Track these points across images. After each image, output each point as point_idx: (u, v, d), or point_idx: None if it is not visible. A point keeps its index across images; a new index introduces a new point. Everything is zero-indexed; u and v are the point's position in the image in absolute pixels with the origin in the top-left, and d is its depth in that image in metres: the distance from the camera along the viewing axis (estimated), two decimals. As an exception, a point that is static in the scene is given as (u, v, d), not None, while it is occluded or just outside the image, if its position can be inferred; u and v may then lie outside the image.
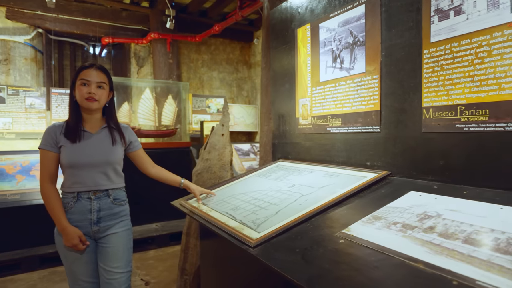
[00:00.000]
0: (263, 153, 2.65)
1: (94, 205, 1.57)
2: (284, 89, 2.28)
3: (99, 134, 1.63)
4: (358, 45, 1.69)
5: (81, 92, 1.54)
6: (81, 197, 1.55)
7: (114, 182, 1.64)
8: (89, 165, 1.55)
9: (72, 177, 1.55)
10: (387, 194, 1.35)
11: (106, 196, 1.61)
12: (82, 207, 1.56)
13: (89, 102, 1.54)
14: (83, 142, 1.57)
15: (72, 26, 4.64)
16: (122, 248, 1.64)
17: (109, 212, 1.62)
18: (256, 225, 1.36)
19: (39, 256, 3.15)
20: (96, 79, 1.56)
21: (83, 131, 1.60)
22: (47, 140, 1.56)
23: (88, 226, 1.57)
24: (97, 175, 1.57)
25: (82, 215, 1.56)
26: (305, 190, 1.61)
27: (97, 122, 1.65)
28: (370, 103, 1.64)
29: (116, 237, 1.63)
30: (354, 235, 1.09)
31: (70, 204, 1.55)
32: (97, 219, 1.58)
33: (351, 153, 1.76)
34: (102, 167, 1.59)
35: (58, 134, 1.56)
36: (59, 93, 4.29)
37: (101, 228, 1.60)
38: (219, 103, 5.54)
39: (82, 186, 1.55)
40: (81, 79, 1.55)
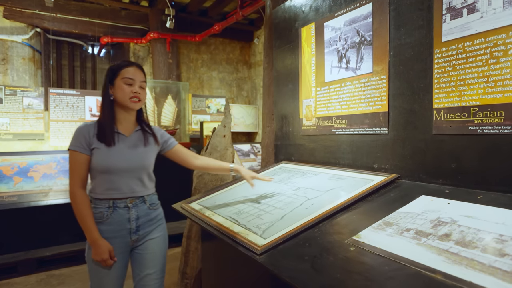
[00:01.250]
0: (265, 154, 2.61)
1: (132, 213, 1.47)
2: (287, 89, 2.24)
3: (133, 137, 1.53)
4: (365, 44, 1.65)
5: (125, 91, 1.43)
6: (118, 206, 1.45)
7: (148, 187, 1.54)
8: (124, 170, 1.45)
9: (105, 183, 1.43)
10: (397, 198, 1.31)
11: (143, 202, 1.51)
12: (120, 217, 1.45)
13: (133, 103, 1.45)
14: (118, 145, 1.46)
15: (70, 26, 4.58)
16: (159, 254, 1.56)
17: (147, 219, 1.52)
18: (262, 230, 1.31)
19: (36, 259, 3.09)
20: (140, 78, 1.47)
21: (117, 133, 1.49)
22: (79, 141, 1.43)
23: (127, 236, 1.47)
24: (133, 181, 1.47)
25: (120, 225, 1.45)
26: (311, 194, 1.57)
27: (131, 124, 1.54)
28: (377, 104, 1.59)
29: (154, 242, 1.54)
30: (365, 242, 1.04)
31: (106, 214, 1.44)
32: (136, 227, 1.48)
33: (357, 155, 1.71)
34: (137, 172, 1.48)
35: (91, 135, 1.44)
36: (57, 93, 4.23)
37: (140, 236, 1.50)
38: (219, 103, 5.49)
39: (117, 193, 1.44)
40: (125, 77, 1.44)
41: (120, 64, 1.49)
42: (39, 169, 3.54)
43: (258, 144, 5.30)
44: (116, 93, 1.46)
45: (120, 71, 1.46)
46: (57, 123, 4.20)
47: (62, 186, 3.51)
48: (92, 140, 1.44)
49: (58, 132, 4.22)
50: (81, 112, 4.34)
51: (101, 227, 1.45)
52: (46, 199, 3.36)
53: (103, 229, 1.45)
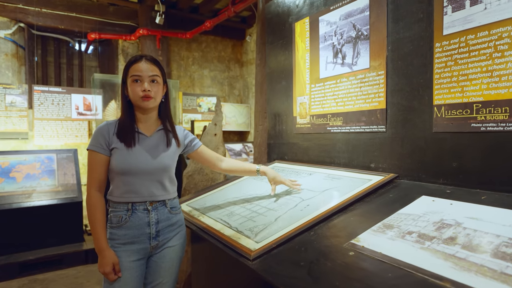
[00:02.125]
0: (258, 153, 2.54)
1: (152, 216, 1.35)
2: (281, 86, 2.17)
3: (154, 137, 1.41)
4: (361, 39, 1.59)
5: (134, 91, 1.33)
6: (137, 209, 1.34)
7: (169, 191, 1.42)
8: (144, 172, 1.34)
9: (124, 185, 1.33)
10: (396, 199, 1.24)
11: (163, 205, 1.40)
12: (139, 221, 1.34)
13: (145, 101, 1.33)
14: (138, 146, 1.35)
15: (56, 21, 4.43)
16: (176, 262, 1.44)
17: (167, 223, 1.40)
18: (254, 233, 1.24)
19: (18, 263, 2.96)
20: (149, 73, 1.34)
21: (137, 132, 1.38)
22: (98, 141, 1.33)
23: (146, 242, 1.35)
24: (153, 185, 1.36)
25: (139, 229, 1.34)
26: (306, 194, 1.50)
27: (153, 123, 1.43)
28: (374, 101, 1.53)
29: (173, 251, 1.42)
30: (364, 246, 0.98)
31: (124, 218, 1.32)
32: (156, 232, 1.36)
33: (353, 154, 1.65)
34: (158, 175, 1.37)
35: (111, 134, 1.34)
36: (42, 91, 4.09)
37: (160, 242, 1.38)
38: (210, 102, 5.39)
39: (136, 196, 1.33)
40: (132, 75, 1.33)
41: (129, 62, 1.38)
42: (22, 169, 3.40)
43: (250, 143, 5.22)
44: (129, 94, 1.37)
45: (129, 70, 1.36)
46: (41, 122, 4.06)
47: (46, 187, 3.38)
48: (112, 139, 1.35)
49: (43, 131, 4.08)
50: (67, 111, 4.20)
51: (119, 232, 1.33)
52: (29, 201, 3.23)
53: (121, 233, 1.33)
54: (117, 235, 1.33)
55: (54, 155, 3.63)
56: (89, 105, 4.35)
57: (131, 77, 1.34)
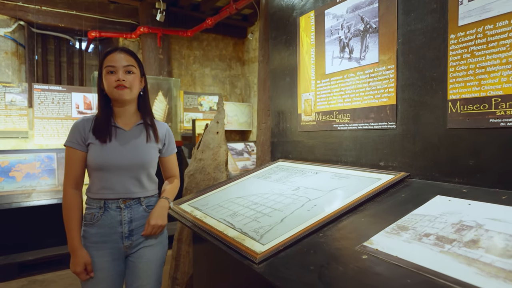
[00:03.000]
0: (261, 152, 2.47)
1: (124, 215, 1.32)
2: (285, 83, 2.10)
3: (133, 131, 1.38)
4: (370, 32, 1.52)
5: (109, 81, 1.29)
6: (109, 207, 1.31)
7: (147, 189, 1.38)
8: (119, 167, 1.31)
9: (99, 181, 1.31)
10: (409, 198, 1.18)
11: (138, 203, 1.36)
12: (111, 219, 1.31)
13: (119, 91, 1.30)
14: (115, 140, 1.33)
15: (56, 19, 4.39)
16: (154, 263, 1.39)
17: (142, 223, 1.36)
18: (260, 235, 1.18)
19: (17, 264, 2.91)
20: (123, 63, 1.31)
21: (114, 127, 1.35)
22: (74, 136, 1.32)
23: (118, 241, 1.32)
24: (128, 181, 1.32)
25: (111, 228, 1.31)
26: (312, 194, 1.44)
27: (132, 117, 1.40)
28: (384, 97, 1.47)
29: (150, 251, 1.38)
30: (379, 250, 0.91)
31: (97, 215, 1.31)
32: (129, 231, 1.33)
33: (361, 152, 1.59)
34: (134, 171, 1.33)
35: (87, 130, 1.33)
36: (42, 90, 4.04)
37: (134, 242, 1.35)
38: (211, 101, 5.34)
39: (110, 193, 1.31)
40: (107, 66, 1.31)
41: (103, 53, 1.36)
42: (21, 168, 3.35)
43: (252, 143, 5.16)
44: (104, 86, 1.33)
45: (103, 61, 1.33)
46: (41, 121, 4.01)
47: (46, 186, 3.33)
48: (88, 135, 1.33)
49: (43, 130, 4.03)
50: (67, 109, 4.16)
51: (91, 230, 1.31)
52: (29, 200, 3.18)
53: (93, 232, 1.31)
54: (90, 233, 1.31)
55: (54, 154, 3.58)
56: (90, 104, 4.30)
57: (106, 68, 1.31)
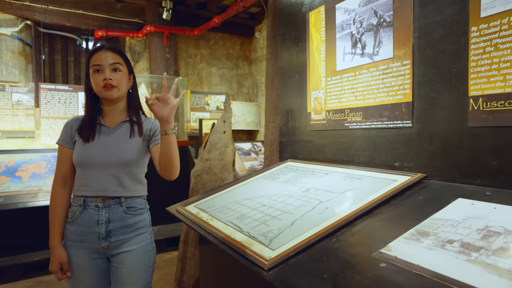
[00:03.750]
0: (269, 152, 2.41)
1: (102, 215, 1.29)
2: (293, 81, 2.04)
3: (118, 129, 1.36)
4: (384, 26, 1.45)
5: (96, 81, 1.28)
6: (88, 205, 1.29)
7: (128, 189, 1.33)
8: (97, 164, 1.29)
9: (79, 179, 1.31)
10: (428, 201, 1.11)
11: (118, 204, 1.31)
12: (89, 218, 1.28)
13: (107, 91, 1.28)
14: (97, 138, 1.33)
15: (63, 18, 4.38)
16: (139, 269, 1.33)
17: (121, 224, 1.31)
18: (269, 239, 1.12)
19: (23, 265, 2.89)
20: (109, 61, 1.29)
21: (100, 125, 1.35)
22: (63, 134, 1.36)
23: (96, 242, 1.29)
24: (106, 178, 1.29)
25: (88, 227, 1.28)
26: (324, 196, 1.37)
27: (119, 115, 1.38)
28: (399, 94, 1.40)
29: (131, 255, 1.33)
30: (398, 257, 0.85)
31: (77, 213, 1.30)
32: (106, 232, 1.29)
33: (374, 152, 1.52)
34: (113, 169, 1.30)
35: (74, 129, 1.35)
36: (49, 89, 4.03)
37: (112, 244, 1.30)
38: (218, 100, 5.29)
39: (88, 190, 1.29)
40: (93, 65, 1.29)
41: (90, 52, 1.34)
42: (27, 168, 3.34)
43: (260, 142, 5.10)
44: (92, 85, 1.32)
45: (89, 60, 1.32)
46: (48, 120, 4.00)
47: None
48: (74, 133, 1.34)
49: (50, 129, 4.02)
50: (73, 109, 4.14)
51: (71, 228, 1.30)
52: (35, 200, 3.17)
53: (72, 230, 1.30)
54: (69, 231, 1.30)
55: (60, 154, 3.56)
56: (96, 103, 4.28)
57: (92, 67, 1.29)
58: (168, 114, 1.19)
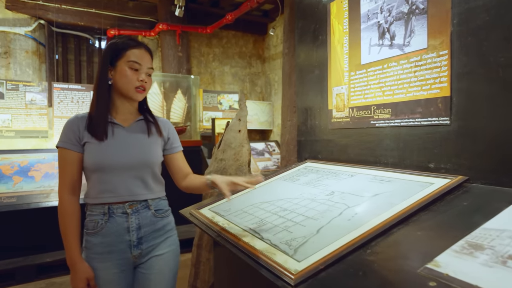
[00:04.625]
0: (286, 152, 2.30)
1: (132, 221, 1.18)
2: (313, 76, 1.92)
3: (133, 127, 1.25)
4: (416, 14, 1.32)
5: (130, 79, 1.17)
6: (114, 212, 1.17)
7: (154, 190, 1.25)
8: (121, 167, 1.17)
9: (99, 184, 1.17)
10: (475, 208, 0.98)
11: (146, 207, 1.22)
12: (117, 226, 1.17)
13: (138, 93, 1.20)
14: (113, 138, 1.20)
15: (76, 17, 4.36)
16: (167, 274, 1.26)
17: (151, 229, 1.23)
18: (293, 249, 1.01)
19: (36, 266, 2.86)
20: (148, 64, 1.21)
21: (112, 123, 1.22)
22: (68, 136, 1.18)
23: (126, 251, 1.18)
24: (132, 182, 1.19)
25: (117, 237, 1.17)
26: (351, 200, 1.25)
27: (131, 113, 1.28)
28: (434, 88, 1.27)
29: (161, 260, 1.24)
30: (449, 275, 0.72)
31: (101, 223, 1.17)
32: (138, 239, 1.20)
33: (405, 152, 1.39)
34: (138, 170, 1.20)
35: (82, 128, 1.19)
36: (62, 88, 4.01)
37: (144, 251, 1.21)
38: (231, 99, 5.20)
39: (113, 196, 1.17)
40: (131, 61, 1.17)
41: (125, 43, 1.20)
42: (40, 168, 3.31)
43: (273, 142, 4.99)
44: (118, 79, 1.19)
45: (125, 52, 1.18)
46: (61, 120, 3.98)
47: (64, 186, 3.28)
48: (83, 133, 1.19)
49: (63, 129, 4.00)
50: (86, 108, 4.10)
51: (95, 239, 1.18)
52: (47, 201, 3.13)
53: (97, 242, 1.17)
54: (93, 243, 1.17)
55: (73, 154, 3.53)
56: (109, 102, 4.24)
57: (130, 62, 1.17)
58: (229, 188, 1.20)
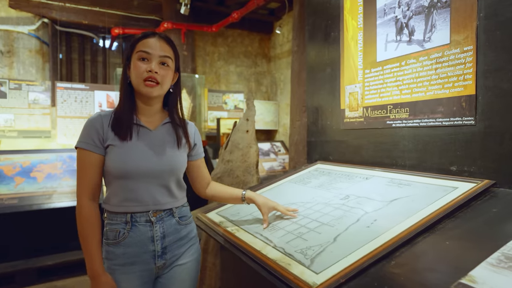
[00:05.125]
0: (294, 153, 2.23)
1: (157, 230, 1.10)
2: (324, 74, 1.85)
3: (160, 131, 1.15)
4: (438, 7, 1.25)
5: (139, 70, 1.06)
6: (137, 221, 1.08)
7: (177, 197, 1.16)
8: (146, 174, 1.08)
9: (122, 192, 1.08)
10: (505, 215, 0.91)
11: (170, 215, 1.14)
12: (141, 235, 1.08)
13: (148, 87, 1.07)
14: (139, 142, 1.10)
15: (80, 16, 4.31)
16: (188, 284, 1.18)
17: (176, 237, 1.15)
18: (309, 258, 0.94)
19: (37, 269, 2.80)
20: (159, 52, 1.08)
21: (137, 125, 1.12)
22: (90, 136, 1.07)
23: (150, 262, 1.10)
24: (157, 190, 1.11)
25: (141, 246, 1.08)
26: (368, 205, 1.18)
27: (157, 115, 1.17)
28: (458, 86, 1.19)
29: (184, 270, 1.16)
30: (489, 292, 0.65)
31: (123, 232, 1.08)
32: (162, 249, 1.11)
33: (425, 154, 1.31)
34: (164, 178, 1.11)
35: (105, 128, 1.08)
36: (65, 88, 3.96)
37: (168, 261, 1.13)
38: (236, 99, 5.13)
39: (137, 205, 1.08)
40: (140, 51, 1.07)
41: (139, 36, 1.12)
42: (43, 168, 3.26)
43: (279, 142, 4.92)
44: (131, 74, 1.10)
45: (136, 44, 1.10)
46: (64, 120, 3.93)
47: (67, 187, 3.22)
48: (107, 134, 1.08)
49: (66, 129, 3.95)
50: (90, 108, 4.06)
51: (116, 250, 1.08)
52: (50, 202, 3.08)
53: (119, 252, 1.08)
54: (115, 254, 1.08)
55: (76, 154, 3.47)
56: (113, 102, 4.19)
57: (138, 53, 1.08)
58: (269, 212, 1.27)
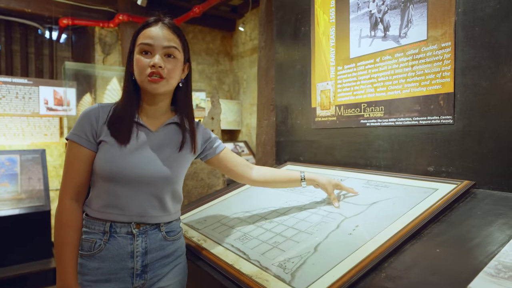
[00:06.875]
0: (262, 154, 2.13)
1: (138, 244, 0.93)
2: (294, 71, 1.77)
3: (161, 133, 0.99)
4: (414, 2, 1.21)
5: (141, 66, 0.92)
6: (116, 232, 0.92)
7: (170, 212, 0.98)
8: (136, 180, 0.93)
9: (106, 196, 0.92)
10: (491, 218, 0.86)
11: (156, 228, 0.96)
12: (119, 249, 0.92)
13: (152, 83, 0.92)
14: (136, 143, 0.95)
15: (21, 3, 3.88)
16: None
17: (160, 254, 0.96)
18: (290, 273, 0.83)
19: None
20: (163, 42, 0.93)
21: (137, 124, 0.97)
22: (83, 128, 0.94)
23: (127, 281, 0.93)
24: (146, 200, 0.94)
25: (118, 262, 0.91)
26: (347, 209, 1.10)
27: (162, 114, 1.03)
28: (435, 83, 1.15)
29: None
30: (495, 308, 0.58)
31: (99, 243, 0.92)
32: (142, 267, 0.93)
33: (400, 154, 1.27)
34: (156, 187, 0.95)
35: (101, 122, 0.95)
36: (4, 82, 3.54)
37: (147, 282, 0.95)
38: (198, 98, 4.94)
39: (119, 214, 0.92)
40: (141, 43, 0.93)
41: (140, 25, 0.96)
42: (-24, 172, 2.87)
43: (242, 143, 4.82)
44: (134, 70, 0.96)
45: (138, 36, 0.95)
46: (4, 118, 3.51)
47: (6, 194, 2.86)
48: (101, 129, 0.94)
49: (5, 128, 3.53)
50: (34, 105, 3.67)
51: (90, 264, 0.91)
52: (-14, 210, 2.71)
53: (92, 266, 0.90)
54: (87, 268, 0.91)
55: (18, 156, 3.11)
56: (61, 99, 3.82)
57: (139, 45, 0.93)
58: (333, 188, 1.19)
